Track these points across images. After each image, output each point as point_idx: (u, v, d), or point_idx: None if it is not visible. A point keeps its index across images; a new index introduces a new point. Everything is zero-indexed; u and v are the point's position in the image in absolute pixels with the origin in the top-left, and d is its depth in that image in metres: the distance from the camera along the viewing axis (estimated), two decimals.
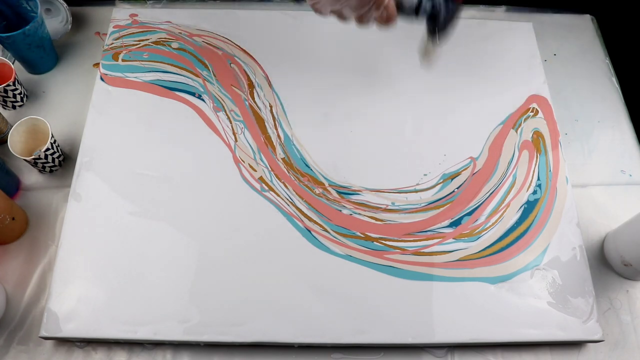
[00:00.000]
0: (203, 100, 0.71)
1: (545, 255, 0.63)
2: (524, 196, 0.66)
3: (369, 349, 0.60)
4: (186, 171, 0.66)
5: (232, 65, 0.74)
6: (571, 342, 0.60)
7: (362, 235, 0.63)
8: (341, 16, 0.57)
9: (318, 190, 0.65)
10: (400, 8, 0.57)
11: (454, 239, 0.63)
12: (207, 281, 0.59)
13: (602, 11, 0.85)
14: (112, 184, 0.64)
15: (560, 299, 0.60)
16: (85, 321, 0.57)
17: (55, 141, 0.66)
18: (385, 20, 0.56)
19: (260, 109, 0.70)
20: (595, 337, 0.59)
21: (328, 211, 0.64)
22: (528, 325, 0.59)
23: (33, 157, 0.63)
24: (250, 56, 0.74)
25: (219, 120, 0.69)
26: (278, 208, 0.64)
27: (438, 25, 0.59)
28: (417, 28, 0.62)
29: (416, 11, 0.58)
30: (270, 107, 0.71)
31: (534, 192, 0.66)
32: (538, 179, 0.67)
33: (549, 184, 0.67)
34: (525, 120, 0.71)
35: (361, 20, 0.56)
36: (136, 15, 0.77)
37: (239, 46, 0.75)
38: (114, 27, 0.76)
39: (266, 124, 0.69)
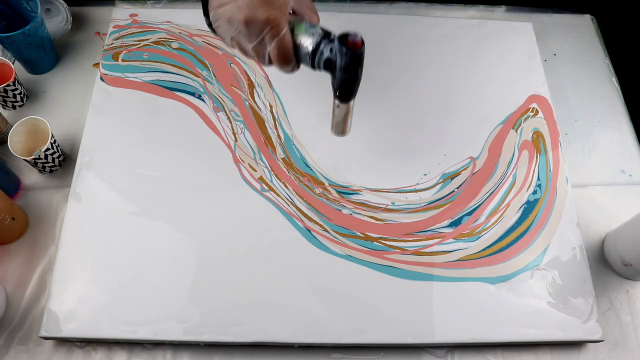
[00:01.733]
0: (203, 100, 0.71)
1: (545, 255, 0.63)
2: (524, 196, 0.66)
3: (369, 349, 0.60)
4: (186, 171, 0.66)
5: (232, 65, 0.74)
6: (571, 342, 0.60)
7: (362, 235, 0.63)
8: (241, 48, 0.50)
9: (318, 190, 0.65)
10: (298, 51, 0.48)
11: (454, 239, 0.63)
12: (207, 281, 0.59)
13: (602, 11, 0.85)
14: (112, 184, 0.64)
15: (560, 299, 0.60)
16: (85, 321, 0.57)
17: (55, 141, 0.66)
18: (280, 59, 0.48)
19: (260, 109, 0.70)
20: (595, 337, 0.59)
21: (328, 211, 0.64)
22: (528, 325, 0.59)
23: (33, 157, 0.63)
24: None
25: (219, 120, 0.69)
26: (278, 208, 0.64)
27: (335, 77, 0.49)
28: (420, 26, 0.62)
29: (312, 58, 0.48)
30: (271, 107, 0.71)
31: (534, 192, 0.66)
32: (538, 179, 0.67)
33: (549, 184, 0.67)
34: (525, 120, 0.71)
35: (257, 54, 0.49)
36: (136, 15, 0.77)
37: None
38: (114, 27, 0.76)
39: (266, 124, 0.69)
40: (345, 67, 0.47)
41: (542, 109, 0.72)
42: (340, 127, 0.55)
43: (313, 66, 0.49)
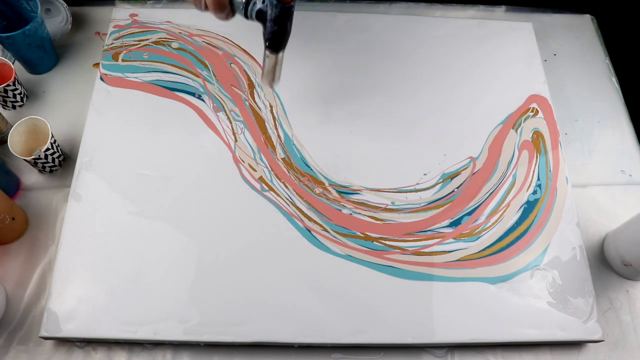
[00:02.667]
0: (203, 100, 0.71)
1: (545, 255, 0.63)
2: (524, 196, 0.66)
3: (369, 349, 0.60)
4: (186, 171, 0.66)
5: (232, 65, 0.74)
6: (571, 342, 0.60)
7: (362, 235, 0.63)
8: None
9: (318, 190, 0.65)
10: (232, 0, 0.53)
11: (454, 238, 0.63)
12: (207, 281, 0.59)
13: (602, 11, 0.85)
14: (112, 184, 0.64)
15: (560, 299, 0.60)
16: (85, 321, 0.57)
17: (55, 141, 0.66)
18: (215, 6, 0.53)
19: (260, 109, 0.70)
20: (595, 337, 0.59)
21: (328, 211, 0.64)
22: (528, 325, 0.59)
23: (33, 157, 0.63)
24: (251, 56, 0.74)
25: (219, 120, 0.69)
26: (278, 208, 0.64)
27: (266, 28, 0.53)
28: (420, 25, 0.62)
29: (245, 8, 0.53)
30: (271, 107, 0.71)
31: (534, 192, 0.66)
32: (538, 179, 0.67)
33: (549, 184, 0.67)
34: (525, 120, 0.71)
35: (195, 1, 0.55)
36: (136, 15, 0.77)
37: (239, 46, 0.75)
38: (114, 27, 0.76)
39: (266, 124, 0.69)
40: (275, 19, 0.51)
41: (542, 109, 0.72)
42: (270, 77, 0.59)
43: (246, 16, 0.53)
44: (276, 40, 0.54)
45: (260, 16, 0.52)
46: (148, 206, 0.63)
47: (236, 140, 0.68)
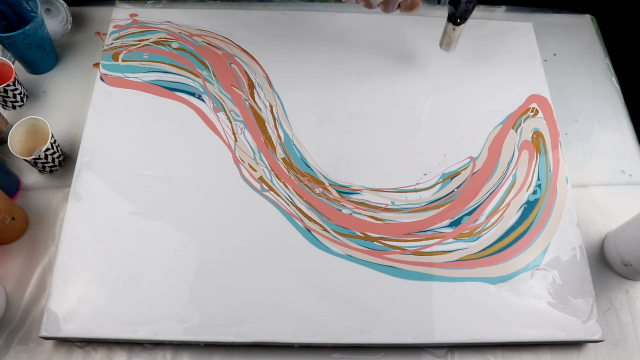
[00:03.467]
0: (203, 100, 0.71)
1: (545, 255, 0.63)
2: (524, 196, 0.66)
3: (369, 349, 0.60)
4: (186, 171, 0.66)
5: (232, 65, 0.74)
6: (571, 342, 0.60)
7: (362, 235, 0.63)
8: (367, 3, 0.60)
9: (318, 190, 0.65)
10: None
11: (453, 238, 0.63)
12: (207, 281, 0.59)
13: (602, 11, 0.85)
14: (112, 184, 0.64)
15: (560, 299, 0.60)
16: (85, 321, 0.57)
17: (55, 141, 0.66)
18: (410, 7, 0.60)
19: (260, 109, 0.70)
20: (595, 337, 0.59)
21: (328, 211, 0.64)
22: (528, 325, 0.59)
23: (33, 157, 0.63)
24: (251, 56, 0.74)
25: (219, 121, 0.69)
26: (278, 208, 0.64)
27: (459, 5, 0.63)
28: (420, 25, 0.63)
29: None
30: (271, 107, 0.71)
31: (534, 192, 0.66)
32: (538, 179, 0.67)
33: (549, 184, 0.67)
34: (525, 120, 0.71)
35: (386, 6, 0.60)
36: (136, 15, 0.77)
37: (239, 46, 0.75)
38: (114, 27, 0.76)
39: (266, 124, 0.69)
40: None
41: (542, 109, 0.72)
42: (453, 44, 0.69)
43: (439, 2, 0.65)
44: (467, 14, 0.65)
45: (454, 1, 0.63)
46: (148, 206, 0.63)
47: (236, 140, 0.68)
